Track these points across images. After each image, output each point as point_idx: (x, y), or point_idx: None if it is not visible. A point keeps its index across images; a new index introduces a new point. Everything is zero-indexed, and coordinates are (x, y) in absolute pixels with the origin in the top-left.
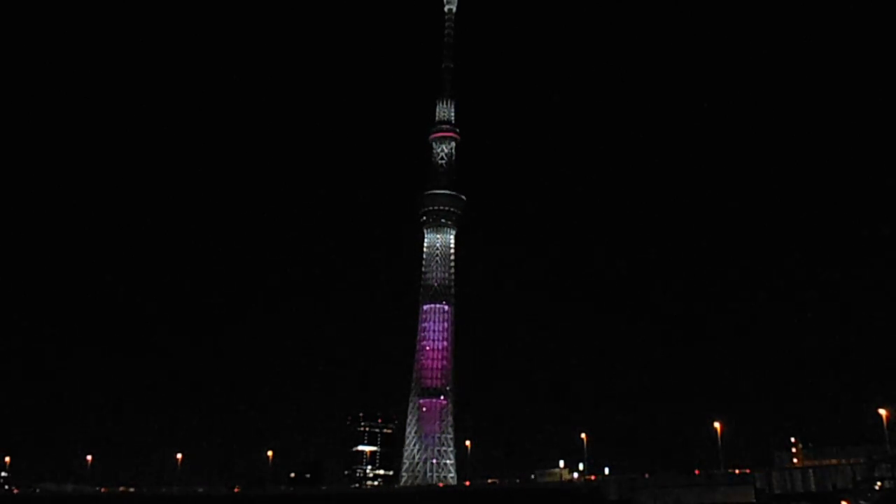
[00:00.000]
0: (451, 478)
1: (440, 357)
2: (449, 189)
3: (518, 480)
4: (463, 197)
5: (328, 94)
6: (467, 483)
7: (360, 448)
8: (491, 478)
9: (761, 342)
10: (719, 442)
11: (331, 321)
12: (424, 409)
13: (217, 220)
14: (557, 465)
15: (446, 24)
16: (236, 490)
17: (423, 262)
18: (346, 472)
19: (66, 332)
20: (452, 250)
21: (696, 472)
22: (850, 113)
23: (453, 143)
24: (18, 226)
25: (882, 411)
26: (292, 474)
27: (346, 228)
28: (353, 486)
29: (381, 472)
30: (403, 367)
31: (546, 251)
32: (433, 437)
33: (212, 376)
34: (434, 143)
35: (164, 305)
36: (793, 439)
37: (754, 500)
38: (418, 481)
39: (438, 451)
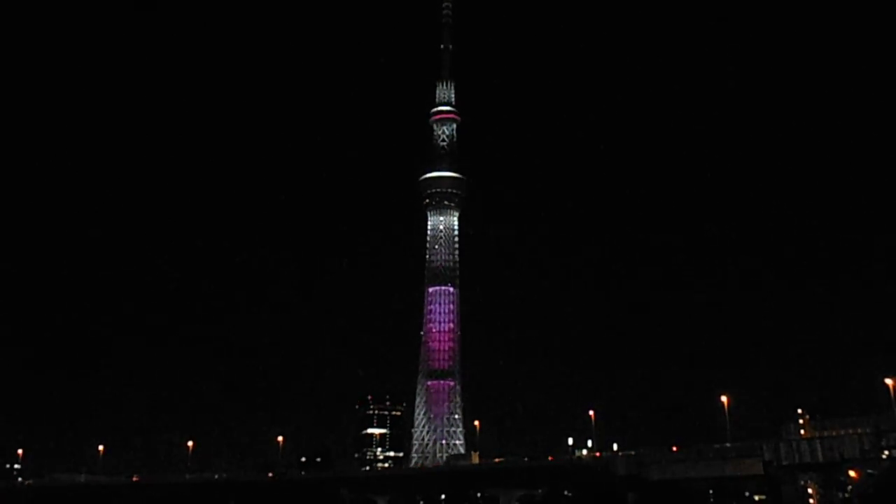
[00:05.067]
0: None
1: (447, 339)
2: (451, 171)
3: (526, 459)
4: (465, 178)
5: (328, 77)
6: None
7: (370, 431)
8: (499, 457)
9: (768, 314)
10: (727, 414)
11: (337, 305)
12: (433, 390)
13: (224, 206)
14: (470, 454)
15: (444, 5)
16: (134, 479)
17: (428, 245)
18: (356, 455)
19: (76, 323)
20: (456, 232)
21: (704, 445)
22: (854, 111)
23: (454, 125)
24: (27, 219)
25: (889, 381)
26: (303, 458)
27: (350, 212)
28: (363, 468)
29: (392, 454)
30: (411, 350)
31: (550, 229)
32: (442, 419)
33: (221, 363)
34: (435, 125)
35: (173, 293)
36: (800, 410)
37: (762, 472)
38: (428, 462)
39: (447, 431)
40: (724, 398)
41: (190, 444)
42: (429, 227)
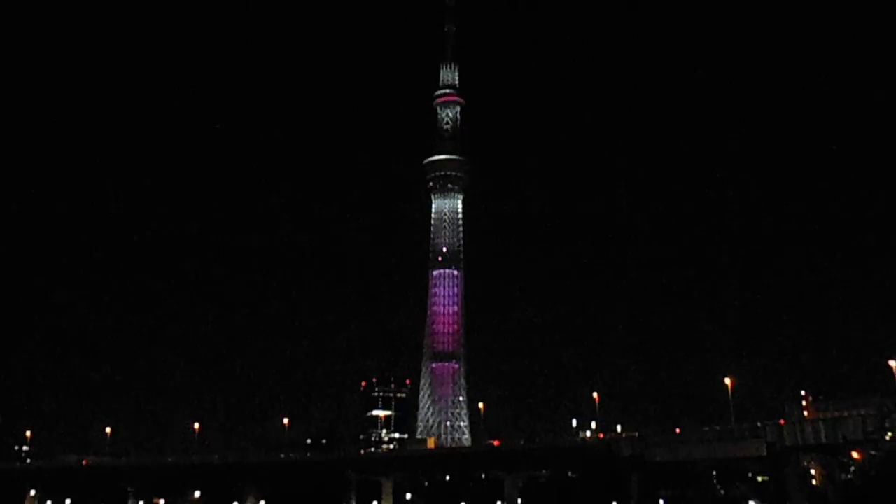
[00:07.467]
0: (466, 440)
1: (451, 322)
2: (455, 154)
3: (522, 442)
4: (469, 161)
5: (331, 61)
6: (496, 443)
7: (375, 413)
8: (501, 439)
9: (770, 295)
10: (730, 396)
11: (342, 289)
12: (437, 373)
13: (224, 191)
14: (425, 440)
15: None
16: (84, 463)
17: (432, 228)
18: (361, 437)
19: (86, 307)
20: (460, 215)
21: (708, 426)
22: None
23: (458, 108)
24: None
25: (892, 363)
26: (309, 440)
27: (354, 196)
28: (369, 450)
29: (396, 435)
30: (416, 333)
31: (554, 213)
32: (446, 401)
33: (227, 346)
34: (439, 108)
35: (180, 278)
36: (803, 392)
37: (765, 454)
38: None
39: (452, 413)
40: (727, 380)
41: (196, 426)
42: (433, 211)
